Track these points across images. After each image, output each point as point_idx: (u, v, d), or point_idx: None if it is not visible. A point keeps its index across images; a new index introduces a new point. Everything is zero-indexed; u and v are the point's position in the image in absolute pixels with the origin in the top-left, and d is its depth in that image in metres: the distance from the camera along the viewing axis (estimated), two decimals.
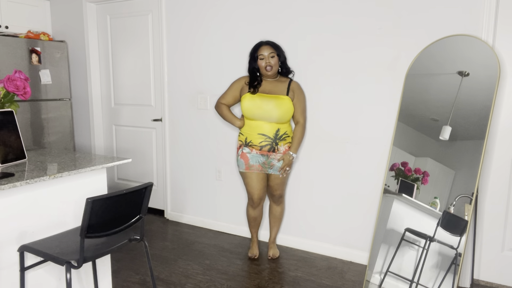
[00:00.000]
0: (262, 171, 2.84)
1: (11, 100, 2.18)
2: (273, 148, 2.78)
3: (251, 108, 2.74)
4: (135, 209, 1.83)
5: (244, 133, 2.84)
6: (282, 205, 3.04)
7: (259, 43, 2.78)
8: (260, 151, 2.79)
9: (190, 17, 3.50)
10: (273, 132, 2.77)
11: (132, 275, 2.72)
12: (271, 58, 2.72)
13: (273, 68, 2.74)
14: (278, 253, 3.05)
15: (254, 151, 2.80)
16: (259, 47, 2.75)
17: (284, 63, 2.83)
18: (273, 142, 2.78)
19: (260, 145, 2.78)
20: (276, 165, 2.81)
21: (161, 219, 3.88)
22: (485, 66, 2.36)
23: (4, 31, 3.92)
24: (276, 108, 2.72)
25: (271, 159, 2.80)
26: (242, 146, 2.85)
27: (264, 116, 2.73)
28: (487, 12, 2.41)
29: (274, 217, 3.05)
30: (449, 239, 2.33)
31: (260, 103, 2.73)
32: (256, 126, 2.77)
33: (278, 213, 3.04)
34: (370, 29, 2.76)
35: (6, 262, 1.82)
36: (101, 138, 4.35)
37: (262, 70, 2.75)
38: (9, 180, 1.71)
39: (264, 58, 2.72)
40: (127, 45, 3.99)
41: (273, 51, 2.73)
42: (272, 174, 2.86)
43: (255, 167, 2.82)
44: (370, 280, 2.53)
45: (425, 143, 2.51)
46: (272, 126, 2.76)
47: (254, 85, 2.79)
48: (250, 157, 2.81)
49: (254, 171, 2.84)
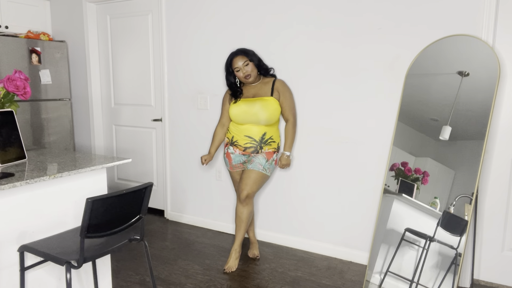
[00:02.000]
0: (243, 168, 2.87)
1: (11, 100, 2.18)
2: (257, 150, 2.80)
3: (238, 114, 2.77)
4: (135, 209, 1.83)
5: (231, 132, 2.87)
6: (248, 207, 2.80)
7: (231, 56, 2.77)
8: (243, 152, 2.81)
9: (190, 17, 3.50)
10: (259, 136, 2.77)
11: (132, 275, 2.72)
12: (245, 67, 2.73)
13: (252, 74, 2.75)
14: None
15: (238, 151, 2.83)
16: (231, 60, 2.76)
17: (260, 65, 2.82)
18: (258, 145, 2.78)
19: (245, 146, 2.79)
20: (255, 161, 2.77)
21: (161, 219, 3.88)
22: (485, 66, 2.36)
23: (4, 31, 3.92)
24: (262, 109, 2.72)
25: (252, 156, 2.81)
26: (228, 144, 2.89)
27: (252, 119, 2.75)
28: (487, 12, 2.41)
29: (239, 219, 2.80)
30: (449, 239, 2.33)
31: (246, 108, 2.75)
32: (244, 128, 2.79)
33: (243, 215, 2.79)
34: (370, 29, 2.76)
35: (6, 262, 1.82)
36: (101, 138, 4.35)
37: (243, 80, 2.78)
38: (9, 180, 1.71)
39: (240, 70, 2.73)
40: (127, 45, 3.99)
41: (246, 59, 2.74)
42: (246, 170, 2.79)
43: (237, 166, 2.88)
44: (370, 280, 2.53)
45: (425, 143, 2.51)
46: (259, 128, 2.76)
47: (236, 95, 2.82)
48: (233, 157, 2.85)
49: (236, 169, 2.91)
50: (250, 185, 2.75)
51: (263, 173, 2.77)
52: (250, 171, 2.78)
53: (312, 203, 3.12)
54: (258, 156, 2.79)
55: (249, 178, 2.76)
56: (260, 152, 2.79)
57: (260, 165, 2.76)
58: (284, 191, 3.23)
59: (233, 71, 2.77)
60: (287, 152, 2.84)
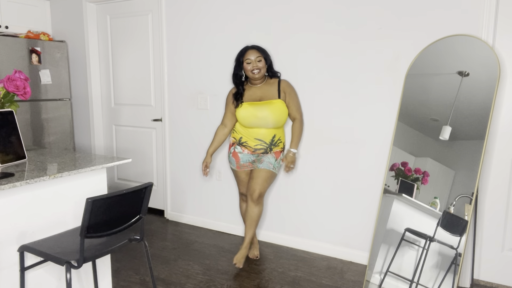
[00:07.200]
0: (252, 167, 2.85)
1: (11, 100, 2.18)
2: (266, 152, 2.81)
3: (246, 117, 2.75)
4: (135, 209, 1.83)
5: (239, 132, 2.84)
6: (260, 206, 2.83)
7: (245, 48, 2.76)
8: (253, 153, 2.81)
9: (190, 17, 3.50)
10: (269, 138, 2.78)
11: (132, 275, 2.72)
12: (258, 62, 2.71)
13: (261, 71, 2.73)
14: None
15: (246, 151, 2.81)
16: (245, 52, 2.74)
17: (270, 66, 2.81)
18: (268, 147, 2.79)
19: (255, 148, 2.79)
20: (265, 161, 2.79)
21: (161, 219, 3.88)
22: (485, 66, 2.36)
23: (4, 31, 3.92)
24: (271, 114, 2.72)
25: (261, 156, 2.81)
26: (235, 144, 2.86)
27: (260, 123, 2.74)
28: (487, 12, 2.41)
29: (251, 218, 2.81)
30: (449, 239, 2.33)
31: (254, 112, 2.73)
32: (253, 131, 2.78)
33: (255, 214, 2.81)
34: (370, 29, 2.76)
35: (6, 262, 1.82)
36: (101, 138, 4.35)
37: (249, 74, 2.74)
38: (9, 180, 1.71)
39: (251, 62, 2.71)
40: (127, 45, 3.99)
41: (260, 55, 2.73)
42: (257, 169, 2.80)
43: (245, 165, 2.86)
44: (370, 280, 2.53)
45: (425, 143, 2.51)
46: (269, 131, 2.77)
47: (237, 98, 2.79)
48: (241, 157, 2.83)
49: (244, 169, 2.88)
50: (262, 184, 2.78)
51: (273, 171, 2.81)
52: (261, 170, 2.78)
53: (312, 203, 3.12)
54: (267, 155, 2.81)
55: (261, 177, 2.78)
56: (270, 152, 2.82)
57: (270, 164, 2.79)
58: (284, 191, 3.23)
59: (243, 62, 2.74)
60: (293, 149, 2.82)
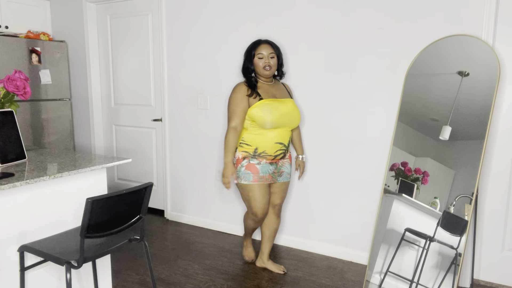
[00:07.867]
0: (271, 181, 2.58)
1: (11, 100, 2.18)
2: (284, 156, 2.61)
3: (276, 117, 2.45)
4: (135, 209, 1.83)
5: (252, 144, 2.50)
6: (280, 217, 2.80)
7: (258, 41, 2.56)
8: (272, 161, 2.55)
9: (190, 16, 3.50)
10: (287, 139, 2.58)
11: (132, 275, 2.72)
12: (271, 59, 2.52)
13: (272, 69, 2.53)
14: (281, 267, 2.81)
15: (264, 160, 2.52)
16: (258, 45, 2.53)
17: (281, 65, 2.65)
18: (286, 150, 2.60)
19: (275, 154, 2.53)
20: (285, 172, 2.64)
21: (161, 219, 3.88)
22: (485, 66, 2.36)
23: (4, 31, 3.92)
24: (295, 111, 2.57)
25: (280, 166, 2.61)
26: (249, 157, 2.52)
27: (286, 121, 2.51)
28: (487, 12, 2.41)
29: (274, 231, 2.77)
30: (449, 239, 2.33)
31: (281, 108, 2.49)
32: (274, 135, 2.49)
33: (277, 225, 2.77)
34: (370, 29, 2.76)
35: (6, 262, 1.82)
36: (101, 138, 4.35)
37: (259, 70, 2.52)
38: (9, 180, 1.71)
39: (263, 58, 2.50)
40: (127, 45, 3.99)
41: (273, 52, 2.53)
42: (277, 183, 2.65)
43: (265, 178, 2.53)
44: (370, 280, 2.53)
45: (425, 143, 2.51)
46: (287, 132, 2.56)
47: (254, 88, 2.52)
48: (260, 168, 2.51)
49: (264, 182, 2.54)
50: (284, 197, 2.73)
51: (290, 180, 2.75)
52: (282, 184, 2.66)
53: (312, 203, 3.12)
54: (285, 164, 2.64)
55: (284, 191, 2.70)
56: (286, 155, 2.65)
57: (288, 175, 2.68)
58: None
59: (255, 56, 2.52)
60: (303, 155, 2.82)
